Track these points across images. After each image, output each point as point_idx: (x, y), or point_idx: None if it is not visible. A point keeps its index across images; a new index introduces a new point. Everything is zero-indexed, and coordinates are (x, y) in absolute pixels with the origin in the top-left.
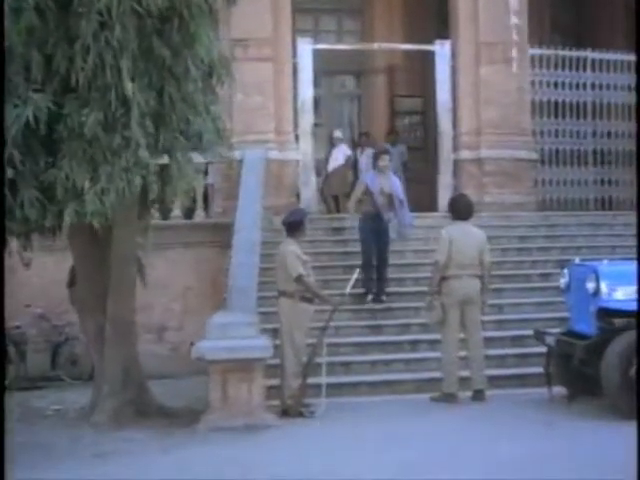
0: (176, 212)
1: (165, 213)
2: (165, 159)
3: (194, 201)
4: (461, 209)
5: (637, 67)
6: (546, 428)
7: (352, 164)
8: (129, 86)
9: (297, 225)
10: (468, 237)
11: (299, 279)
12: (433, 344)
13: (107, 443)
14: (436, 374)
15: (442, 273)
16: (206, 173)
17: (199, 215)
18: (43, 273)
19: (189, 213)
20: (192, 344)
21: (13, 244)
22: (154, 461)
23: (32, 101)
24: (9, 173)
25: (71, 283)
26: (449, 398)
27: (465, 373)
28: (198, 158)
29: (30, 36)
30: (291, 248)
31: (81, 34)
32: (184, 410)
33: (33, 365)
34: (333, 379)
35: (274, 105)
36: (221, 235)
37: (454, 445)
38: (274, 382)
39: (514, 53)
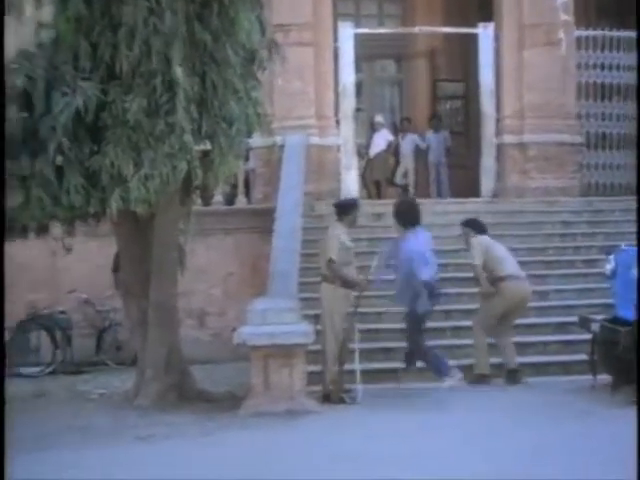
0: (217, 198)
1: (206, 199)
2: (207, 145)
3: (235, 187)
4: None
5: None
6: (584, 416)
7: (394, 149)
8: (178, 72)
9: (346, 208)
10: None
11: (329, 263)
12: None
13: (150, 426)
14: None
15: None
16: (247, 159)
17: (240, 201)
18: (87, 259)
19: (230, 199)
20: (234, 330)
21: (58, 230)
22: (195, 445)
23: (80, 89)
24: (58, 160)
25: (115, 269)
26: (482, 379)
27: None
28: (239, 144)
29: (77, 25)
30: (335, 232)
31: (126, 21)
32: (225, 395)
33: (78, 350)
34: (375, 365)
35: (315, 90)
36: (262, 221)
37: (493, 432)
38: (315, 368)
39: (560, 35)
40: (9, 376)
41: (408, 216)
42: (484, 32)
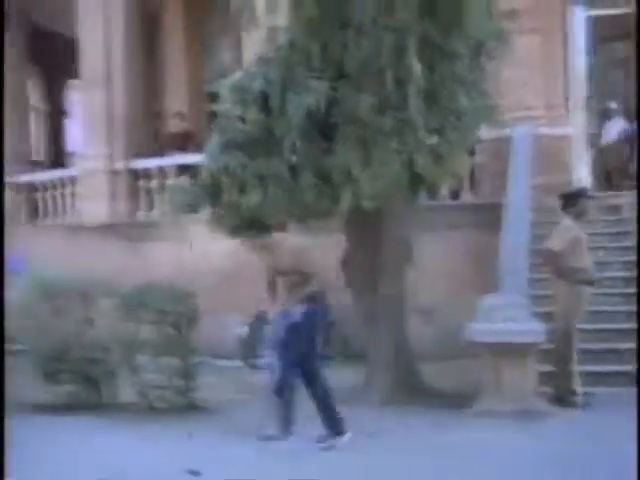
0: (443, 192)
1: (432, 194)
2: (435, 139)
3: (461, 181)
4: None
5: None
6: None
7: (628, 137)
8: (416, 66)
9: (572, 199)
10: None
11: (548, 253)
12: None
13: (379, 422)
14: None
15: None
16: (473, 152)
17: (466, 195)
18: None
19: (456, 193)
20: (462, 326)
21: (291, 227)
22: (425, 441)
23: (312, 89)
24: (291, 158)
25: (344, 264)
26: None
27: None
28: (469, 138)
29: (310, 27)
30: (564, 223)
31: (355, 19)
32: (454, 392)
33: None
34: (599, 367)
35: (543, 78)
36: (489, 216)
37: None
38: (545, 368)
39: None
40: (246, 367)
41: None
42: None
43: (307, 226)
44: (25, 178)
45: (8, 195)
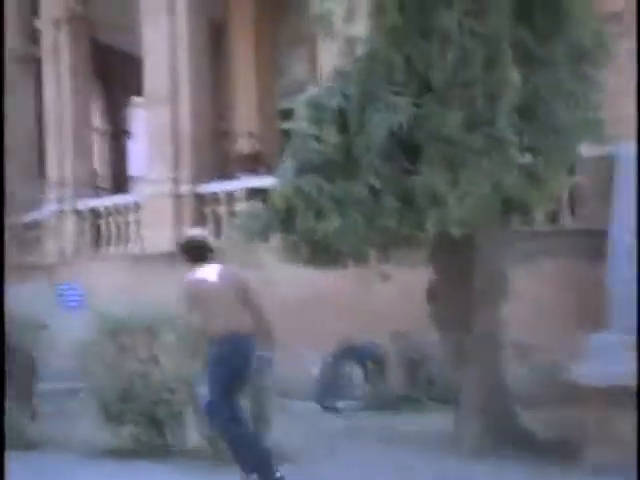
0: (538, 217)
1: (526, 218)
2: (530, 158)
3: (559, 204)
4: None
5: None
6: None
7: None
8: (511, 77)
9: None
10: None
11: None
12: None
13: (469, 474)
14: None
15: None
16: (573, 171)
17: (565, 220)
18: (400, 286)
19: (553, 217)
20: (563, 367)
21: (371, 255)
22: None
23: (394, 105)
24: (371, 180)
25: (431, 298)
26: None
27: None
28: (570, 156)
29: (391, 37)
30: None
31: (440, 27)
32: (555, 442)
33: (391, 384)
34: None
35: None
36: (591, 243)
37: None
38: None
39: None
40: (323, 410)
41: None
42: None
43: (389, 255)
44: (88, 204)
45: (72, 222)
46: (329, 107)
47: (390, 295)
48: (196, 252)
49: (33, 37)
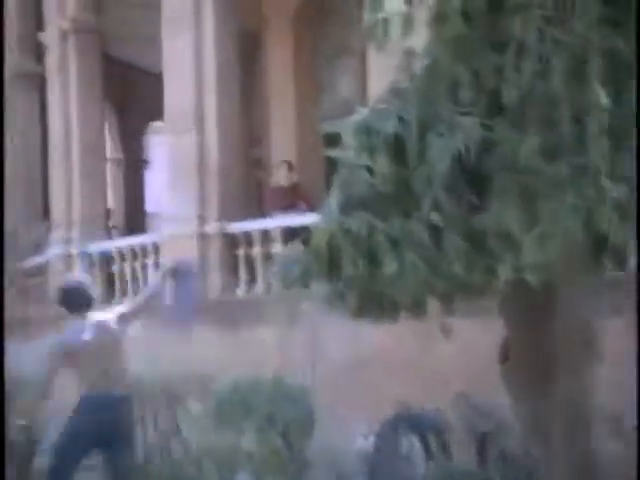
0: (632, 260)
1: (619, 261)
2: (623, 189)
3: None
4: None
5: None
6: None
7: None
8: (600, 95)
9: None
10: None
11: None
12: None
13: None
14: None
15: None
16: None
17: None
18: (468, 344)
19: None
20: None
21: (433, 306)
22: None
23: (461, 128)
24: (433, 217)
25: (503, 357)
26: None
27: None
28: None
29: (455, 48)
30: None
31: (513, 36)
32: None
33: (456, 459)
34: None
35: None
36: None
37: None
38: None
39: None
40: None
41: None
42: None
43: (452, 305)
44: (99, 246)
45: (81, 268)
46: (382, 131)
47: (453, 353)
48: (74, 301)
49: (37, 53)
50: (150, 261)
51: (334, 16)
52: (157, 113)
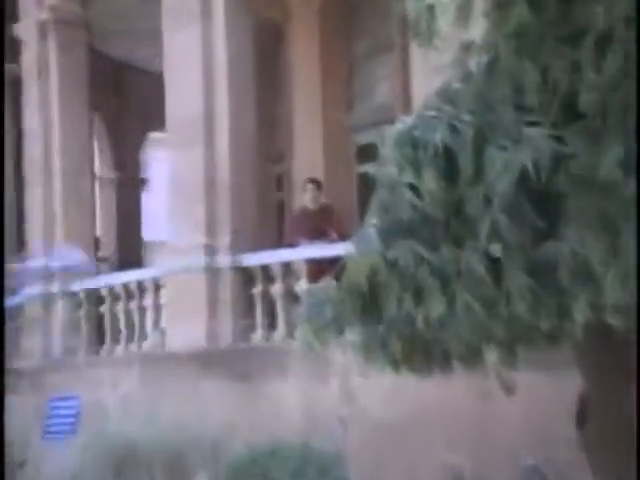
0: None
1: None
2: None
3: None
4: None
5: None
6: None
7: None
8: None
9: None
10: None
11: None
12: None
13: None
14: None
15: None
16: None
17: None
18: (534, 402)
19: None
20: None
21: (491, 356)
22: None
23: (527, 140)
24: (492, 247)
25: (581, 419)
26: None
27: None
28: None
29: (520, 43)
30: None
31: (592, 28)
32: None
33: None
34: None
35: None
36: None
37: None
38: None
39: None
40: None
41: None
42: None
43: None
44: (86, 284)
45: (63, 310)
46: (430, 143)
47: (517, 414)
48: None
49: (11, 49)
50: (149, 301)
51: (367, 8)
52: (157, 122)
